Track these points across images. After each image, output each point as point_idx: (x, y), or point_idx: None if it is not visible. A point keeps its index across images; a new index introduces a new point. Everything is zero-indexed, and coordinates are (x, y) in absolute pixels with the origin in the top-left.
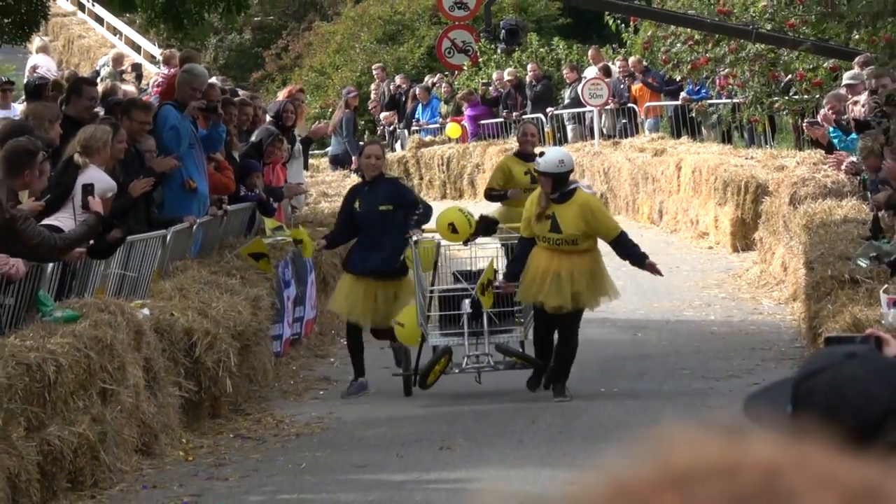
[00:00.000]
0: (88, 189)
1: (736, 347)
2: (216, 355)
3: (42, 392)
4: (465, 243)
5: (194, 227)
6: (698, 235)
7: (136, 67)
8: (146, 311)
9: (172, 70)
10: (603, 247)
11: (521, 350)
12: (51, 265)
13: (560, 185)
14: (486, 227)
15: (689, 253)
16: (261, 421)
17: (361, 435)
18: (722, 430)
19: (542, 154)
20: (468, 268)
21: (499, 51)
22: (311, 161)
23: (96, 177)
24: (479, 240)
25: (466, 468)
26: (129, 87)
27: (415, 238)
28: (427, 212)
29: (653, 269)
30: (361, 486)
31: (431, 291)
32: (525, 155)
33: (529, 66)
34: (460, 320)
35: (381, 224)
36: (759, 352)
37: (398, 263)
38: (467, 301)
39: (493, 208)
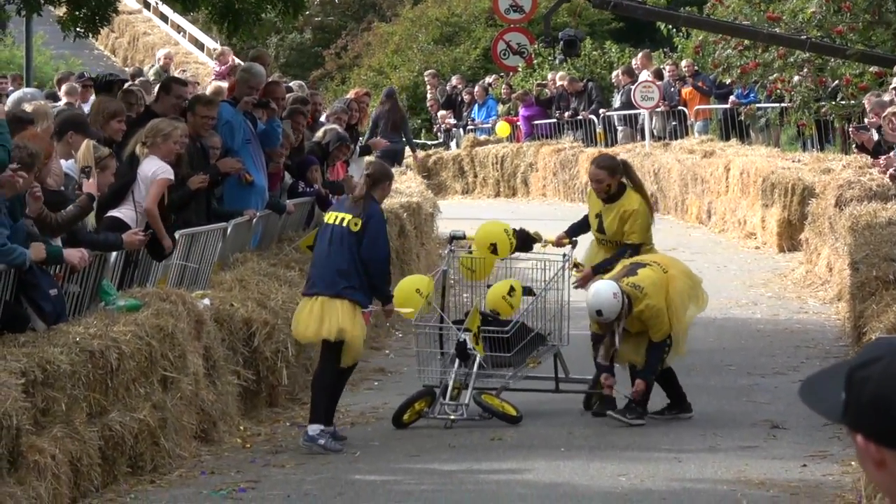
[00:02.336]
0: (86, 171)
1: (781, 345)
2: (274, 345)
3: (104, 379)
4: (502, 258)
5: (254, 220)
6: (746, 236)
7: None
8: (207, 301)
9: (224, 67)
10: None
11: (499, 406)
12: (114, 255)
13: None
14: (523, 242)
15: (737, 252)
16: None
17: (414, 425)
18: None
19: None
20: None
21: (557, 61)
22: (368, 158)
23: (153, 166)
24: (515, 255)
25: (517, 459)
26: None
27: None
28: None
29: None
30: (414, 475)
31: (426, 327)
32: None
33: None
34: (450, 359)
35: None
36: (804, 350)
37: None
38: (465, 336)
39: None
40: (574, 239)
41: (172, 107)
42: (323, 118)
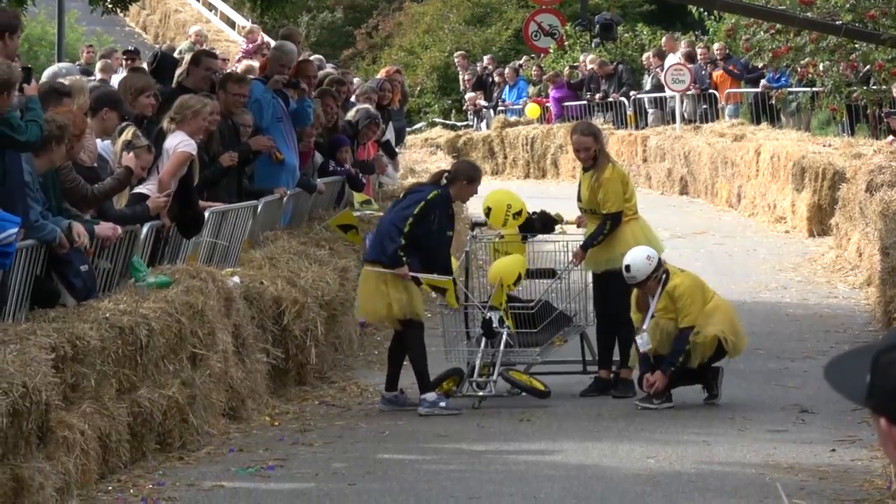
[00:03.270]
0: (128, 146)
1: (810, 329)
2: (303, 324)
3: (134, 355)
4: (524, 240)
5: (285, 198)
6: (775, 220)
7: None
8: (237, 278)
9: (252, 45)
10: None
11: (528, 382)
12: (144, 232)
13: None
14: (543, 223)
15: (766, 236)
16: (345, 389)
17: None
18: None
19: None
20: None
21: (592, 44)
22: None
23: (177, 139)
24: (538, 238)
25: (545, 440)
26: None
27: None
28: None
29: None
30: (442, 455)
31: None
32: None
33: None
34: (476, 338)
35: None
36: (834, 334)
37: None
38: (490, 315)
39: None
40: None
41: (203, 79)
42: (353, 99)
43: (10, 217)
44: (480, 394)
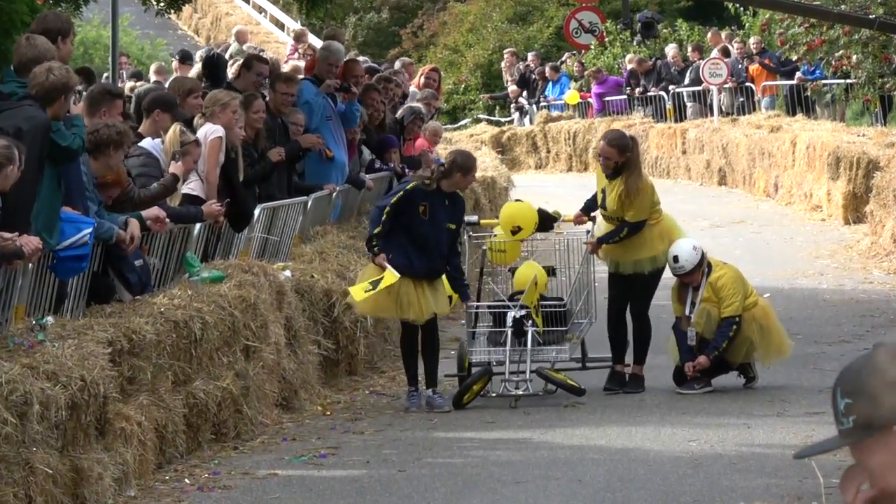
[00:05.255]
0: (175, 155)
1: (847, 314)
2: (353, 316)
3: (188, 348)
4: (522, 240)
5: (334, 194)
6: (812, 208)
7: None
8: (288, 272)
9: (291, 47)
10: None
11: (562, 377)
12: (197, 228)
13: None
14: (541, 222)
15: (803, 225)
16: (395, 378)
17: (499, 389)
18: None
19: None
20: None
21: (634, 42)
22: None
23: (204, 131)
24: (535, 236)
25: (590, 426)
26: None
27: (482, 241)
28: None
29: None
30: (489, 442)
31: (477, 307)
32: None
33: (671, 49)
34: (503, 336)
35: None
36: (869, 319)
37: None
38: (511, 315)
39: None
40: (592, 215)
41: (253, 84)
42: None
43: (84, 219)
44: (519, 392)
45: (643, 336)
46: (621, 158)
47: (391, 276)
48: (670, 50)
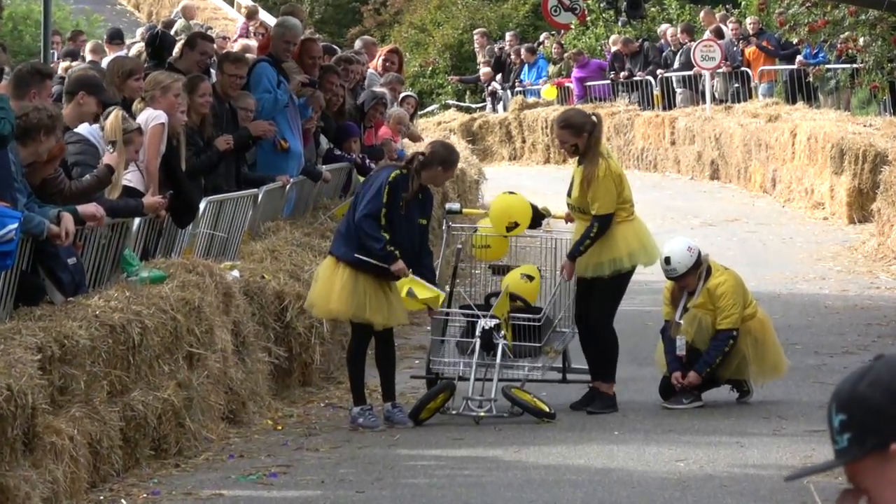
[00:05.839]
0: (112, 143)
1: (851, 323)
2: (308, 320)
3: (126, 355)
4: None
5: (287, 186)
6: (813, 206)
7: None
8: (236, 272)
9: (251, 24)
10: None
11: (531, 401)
12: (136, 224)
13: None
14: (531, 219)
15: (803, 224)
16: None
17: (459, 407)
18: None
19: (667, 259)
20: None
21: (620, 23)
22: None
23: (144, 116)
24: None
25: (567, 444)
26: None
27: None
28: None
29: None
30: (457, 460)
31: (447, 314)
32: None
33: (668, 29)
34: (470, 349)
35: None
36: (876, 328)
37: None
38: (482, 323)
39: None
40: None
41: (197, 64)
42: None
43: (10, 212)
44: (481, 413)
45: (606, 350)
46: (577, 140)
47: (433, 293)
48: (666, 29)
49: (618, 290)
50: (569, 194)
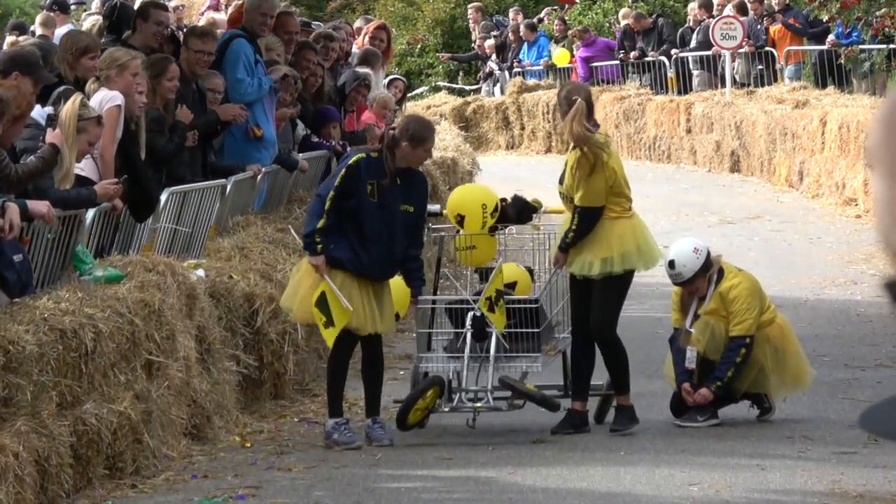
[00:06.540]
0: (52, 118)
1: (885, 332)
2: (281, 326)
3: (78, 363)
4: (492, 232)
5: (259, 176)
6: (844, 202)
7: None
8: (201, 272)
9: None
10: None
11: (533, 388)
12: (90, 216)
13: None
14: (518, 211)
15: (833, 222)
16: None
17: (448, 423)
18: None
19: (671, 263)
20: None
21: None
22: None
23: (98, 97)
24: (512, 229)
25: (568, 465)
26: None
27: (442, 234)
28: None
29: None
30: (445, 482)
31: (433, 301)
32: None
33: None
34: (461, 340)
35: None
36: None
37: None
38: (470, 316)
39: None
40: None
41: (154, 36)
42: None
43: None
44: (479, 405)
45: (615, 360)
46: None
47: (343, 311)
48: (693, 8)
49: (616, 295)
50: (560, 181)
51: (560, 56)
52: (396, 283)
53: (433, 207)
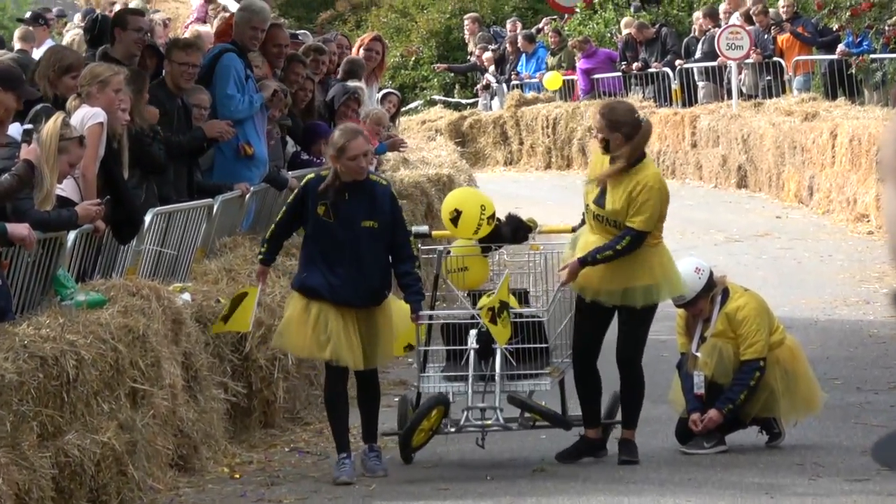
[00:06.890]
0: (28, 133)
1: None
2: (270, 352)
3: (60, 392)
4: (484, 253)
5: (247, 196)
6: (856, 218)
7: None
8: (187, 296)
9: (210, 7)
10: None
11: (542, 404)
12: (71, 239)
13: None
14: (513, 231)
15: (845, 239)
16: (322, 432)
17: (444, 451)
18: None
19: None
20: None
21: (632, 9)
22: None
23: (80, 115)
24: (504, 250)
25: (570, 495)
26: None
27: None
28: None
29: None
30: None
31: (430, 317)
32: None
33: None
34: (464, 359)
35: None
36: None
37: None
38: (474, 333)
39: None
40: (573, 227)
41: (135, 43)
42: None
43: None
44: (489, 422)
45: (634, 393)
46: (608, 135)
47: (243, 323)
48: (698, 18)
49: (647, 324)
50: (599, 204)
51: (551, 80)
52: (404, 310)
53: (421, 229)
